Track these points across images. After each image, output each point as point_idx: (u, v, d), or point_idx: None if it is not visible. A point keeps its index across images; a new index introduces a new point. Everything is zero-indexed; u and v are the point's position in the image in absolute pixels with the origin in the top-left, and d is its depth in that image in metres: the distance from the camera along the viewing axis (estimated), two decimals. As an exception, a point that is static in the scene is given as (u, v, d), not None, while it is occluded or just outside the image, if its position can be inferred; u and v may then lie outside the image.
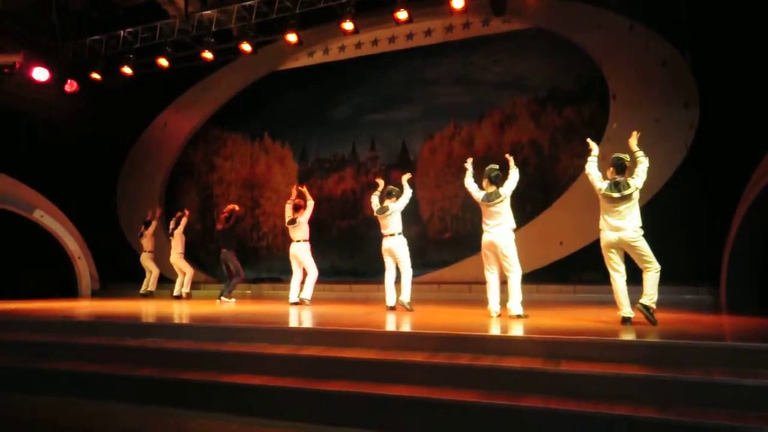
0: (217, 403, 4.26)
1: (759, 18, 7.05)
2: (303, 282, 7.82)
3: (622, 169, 4.97)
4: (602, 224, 5.06)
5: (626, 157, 5.03)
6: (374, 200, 6.93)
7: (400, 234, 6.70)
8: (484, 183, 5.78)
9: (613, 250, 5.01)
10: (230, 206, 8.73)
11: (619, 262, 5.04)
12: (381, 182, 7.04)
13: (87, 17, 10.61)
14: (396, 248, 6.66)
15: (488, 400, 3.63)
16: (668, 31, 8.54)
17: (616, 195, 4.89)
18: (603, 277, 5.34)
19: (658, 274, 4.86)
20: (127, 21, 10.20)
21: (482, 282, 5.89)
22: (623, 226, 4.88)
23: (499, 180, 5.69)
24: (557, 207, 9.23)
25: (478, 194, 5.80)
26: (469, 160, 6.10)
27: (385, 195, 6.80)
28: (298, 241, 7.79)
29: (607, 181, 5.01)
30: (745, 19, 7.33)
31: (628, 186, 4.86)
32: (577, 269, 8.52)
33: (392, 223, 6.68)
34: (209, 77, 12.05)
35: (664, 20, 8.54)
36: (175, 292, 9.48)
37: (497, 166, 5.80)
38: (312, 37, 10.57)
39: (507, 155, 5.95)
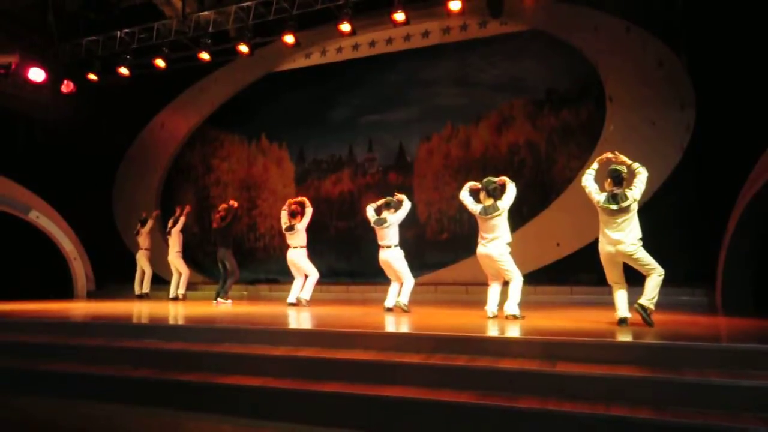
0: (213, 405, 4.25)
1: (755, 19, 7.08)
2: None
3: (620, 180, 4.94)
4: (601, 237, 5.03)
5: (623, 168, 5.00)
6: (369, 211, 6.90)
7: (396, 246, 6.67)
8: (482, 196, 5.72)
9: (612, 264, 4.99)
10: (229, 203, 8.73)
11: (620, 275, 5.02)
12: (385, 200, 6.84)
13: (84, 18, 10.59)
14: (392, 260, 6.63)
15: (485, 401, 3.63)
16: (664, 32, 8.56)
17: (614, 207, 4.84)
18: (600, 279, 5.35)
19: (661, 277, 4.84)
20: (124, 22, 10.18)
21: (479, 283, 5.90)
22: (622, 239, 4.84)
23: (497, 193, 5.64)
24: (554, 208, 9.24)
25: (474, 207, 5.75)
26: (475, 185, 5.91)
27: (384, 206, 6.77)
28: (295, 247, 7.72)
29: (605, 194, 4.96)
30: (741, 20, 7.36)
31: (626, 198, 4.81)
32: (574, 271, 8.52)
33: (389, 234, 6.65)
34: (206, 78, 12.03)
35: (660, 22, 8.57)
36: (171, 294, 9.45)
37: (495, 179, 5.75)
38: (309, 38, 10.57)
39: (501, 179, 5.75)
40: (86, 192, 11.56)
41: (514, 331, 4.79)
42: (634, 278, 5.10)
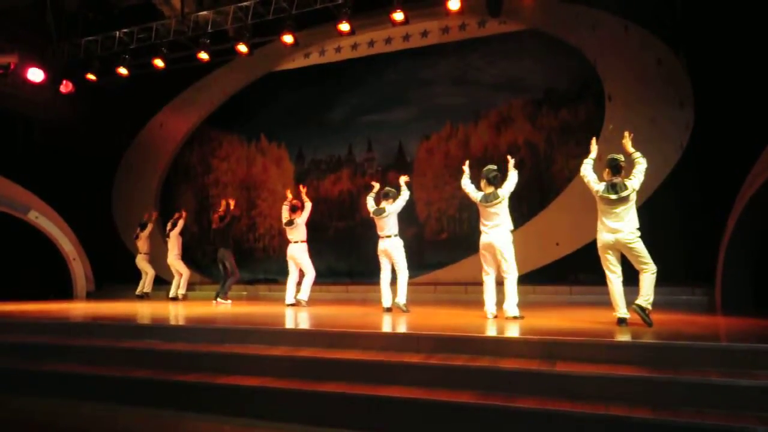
0: (213, 405, 4.25)
1: (754, 17, 7.08)
2: (299, 283, 7.82)
3: (618, 170, 4.96)
4: (599, 226, 5.05)
5: (621, 157, 5.01)
6: (369, 201, 6.94)
7: (396, 236, 6.70)
8: (482, 184, 5.76)
9: (609, 252, 5.01)
10: (227, 200, 8.72)
11: (616, 264, 5.04)
12: (376, 185, 7.03)
13: (82, 17, 10.57)
14: (392, 250, 6.65)
15: (484, 401, 3.63)
16: (663, 31, 8.57)
17: (613, 197, 4.86)
18: (599, 278, 5.35)
19: (655, 275, 4.86)
20: (123, 21, 10.16)
21: (478, 283, 5.89)
22: (620, 227, 4.87)
23: (497, 181, 5.68)
24: (553, 208, 9.25)
25: (476, 195, 5.79)
26: (466, 163, 6.11)
27: (382, 196, 6.79)
28: (296, 242, 7.81)
29: (604, 183, 4.99)
30: (740, 18, 7.36)
31: (626, 187, 4.83)
32: (574, 270, 8.53)
33: (389, 224, 6.68)
34: (205, 78, 12.02)
35: (658, 20, 8.57)
36: (171, 294, 9.46)
37: (495, 167, 5.79)
38: (308, 38, 10.57)
39: (508, 156, 5.94)
40: (86, 192, 11.56)
41: (513, 331, 4.79)
42: (630, 279, 5.09)
